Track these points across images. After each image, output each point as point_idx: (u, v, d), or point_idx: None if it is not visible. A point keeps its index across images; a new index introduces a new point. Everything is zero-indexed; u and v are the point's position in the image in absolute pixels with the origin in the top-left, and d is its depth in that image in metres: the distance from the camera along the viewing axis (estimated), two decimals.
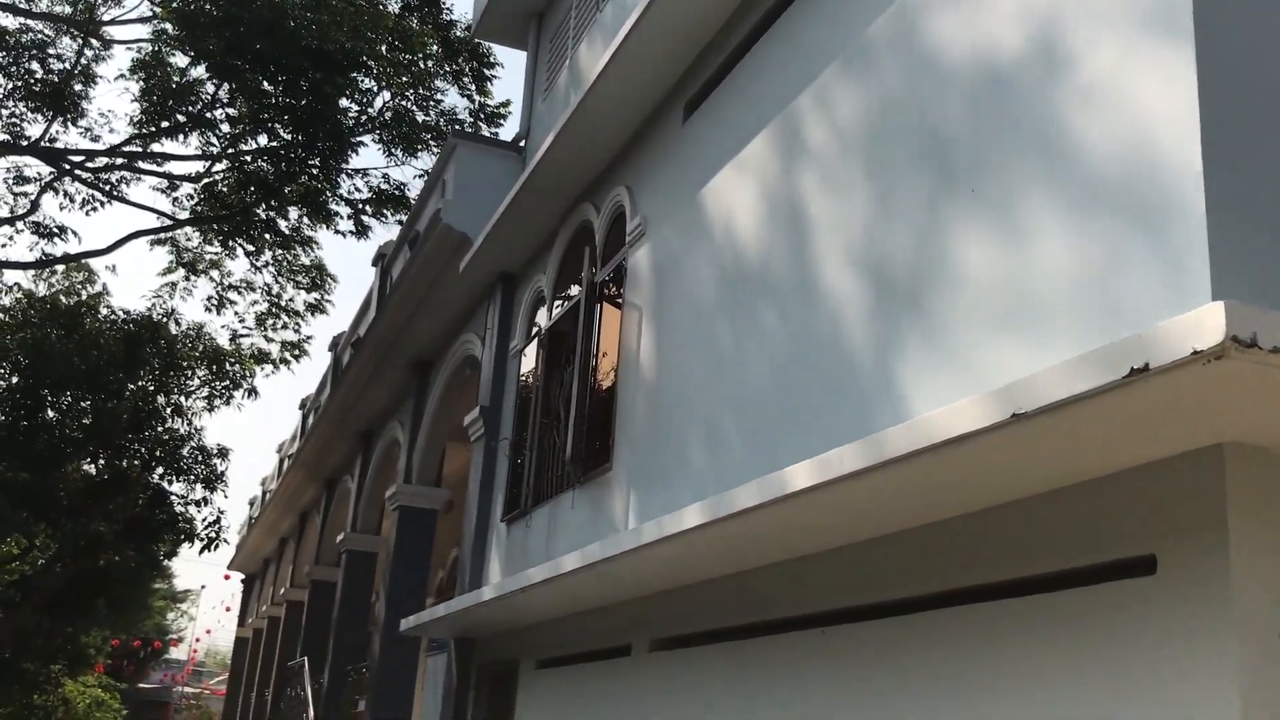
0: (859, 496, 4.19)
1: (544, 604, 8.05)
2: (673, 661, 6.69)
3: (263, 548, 32.00)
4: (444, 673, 11.14)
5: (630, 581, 6.65)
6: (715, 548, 5.46)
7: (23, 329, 18.29)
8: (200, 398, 21.58)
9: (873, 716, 4.71)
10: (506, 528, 10.34)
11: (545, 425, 9.83)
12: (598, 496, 8.29)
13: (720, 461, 6.42)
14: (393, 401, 16.91)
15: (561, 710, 8.33)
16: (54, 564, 19.20)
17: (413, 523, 14.78)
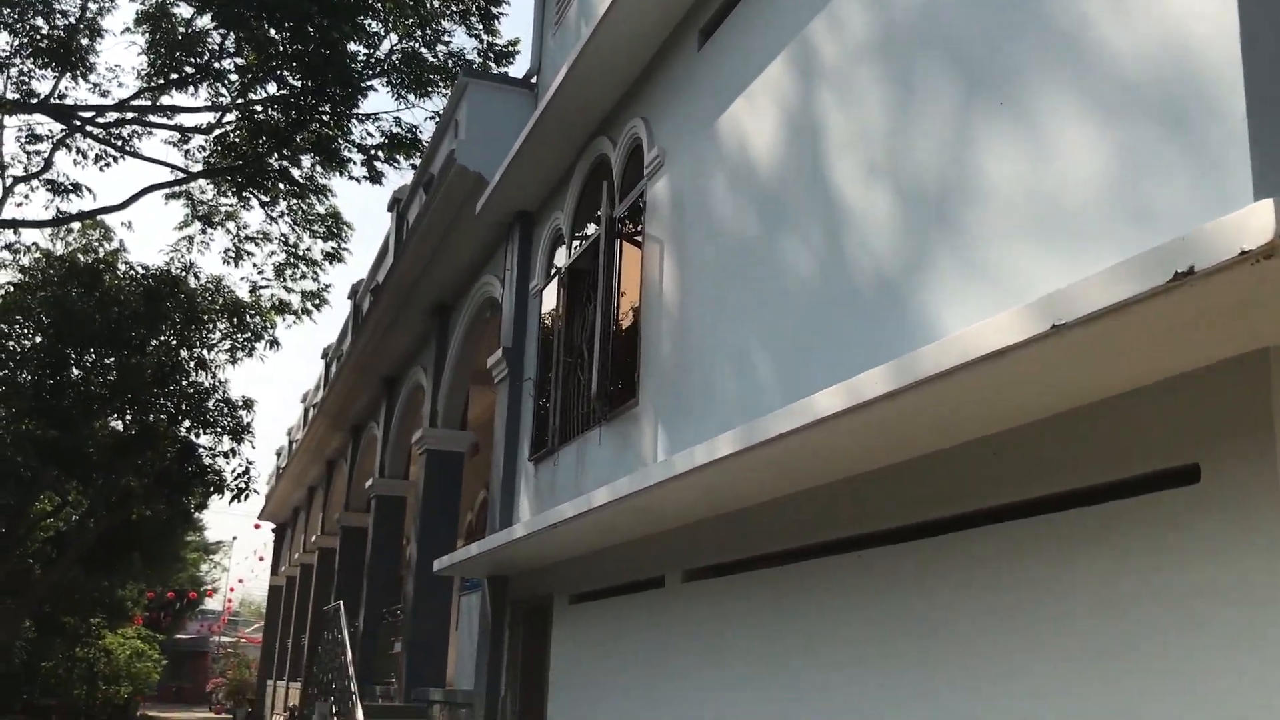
0: (893, 419, 4.15)
1: (575, 539, 8.09)
2: (706, 591, 6.72)
3: (292, 497, 32.33)
4: (479, 611, 11.25)
5: (661, 513, 6.66)
6: (747, 476, 5.45)
7: (43, 287, 18.33)
8: (223, 350, 21.64)
9: (913, 639, 4.72)
10: (534, 467, 10.37)
11: (569, 364, 9.82)
12: (625, 432, 8.29)
13: (748, 391, 6.39)
14: (415, 346, 16.93)
15: (596, 642, 8.40)
16: (87, 520, 19.43)
17: (440, 466, 14.85)
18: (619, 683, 7.84)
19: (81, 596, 24.18)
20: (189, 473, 20.47)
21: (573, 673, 8.81)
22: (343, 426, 22.67)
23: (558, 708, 8.97)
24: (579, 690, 8.61)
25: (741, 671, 6.16)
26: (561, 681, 9.01)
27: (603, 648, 8.25)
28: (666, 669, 7.10)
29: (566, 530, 7.58)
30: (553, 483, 9.78)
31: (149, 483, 19.81)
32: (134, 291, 18.84)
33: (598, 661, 8.33)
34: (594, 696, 8.27)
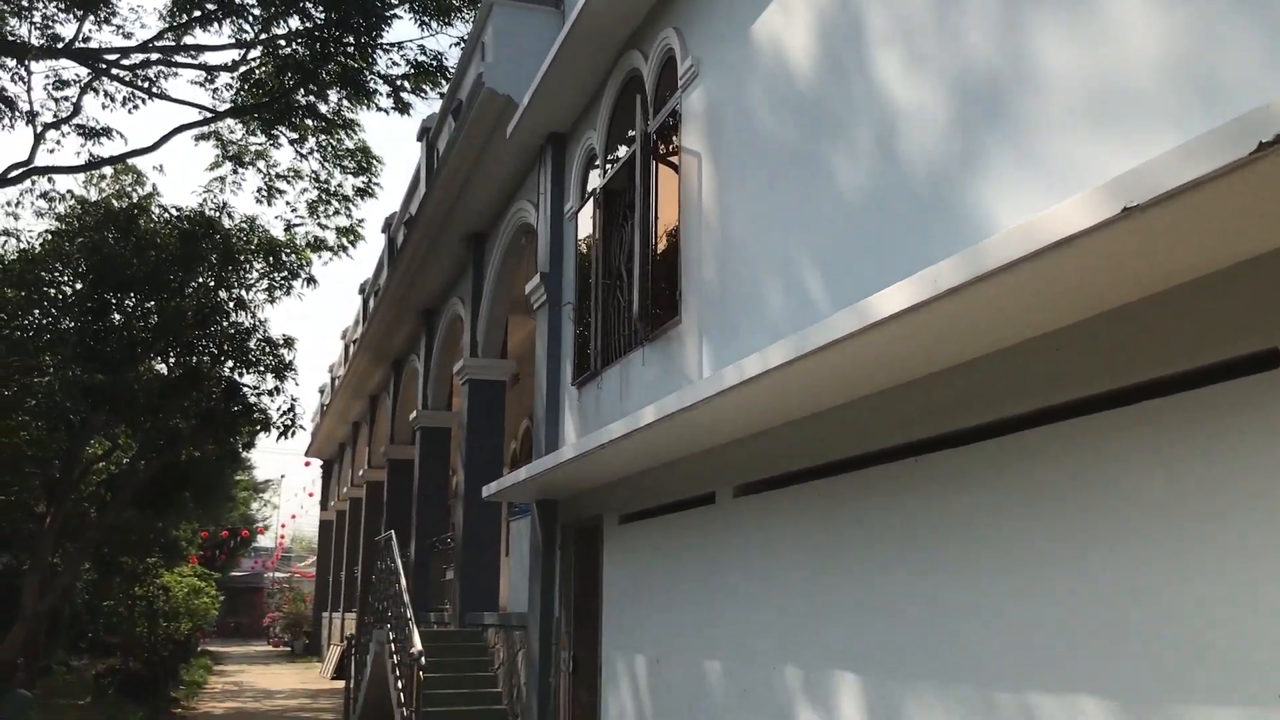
0: (959, 314, 4.02)
1: (624, 459, 8.05)
2: (758, 506, 6.67)
3: (337, 433, 32.69)
4: (529, 535, 11.32)
5: (711, 429, 6.59)
6: (800, 387, 5.35)
7: (80, 234, 18.38)
8: (260, 290, 21.67)
9: (979, 545, 4.64)
10: (578, 391, 10.33)
11: (608, 286, 9.72)
12: (668, 352, 8.21)
13: (796, 302, 6.27)
14: (451, 277, 16.88)
15: (647, 560, 8.42)
16: (137, 462, 19.70)
17: (483, 395, 14.88)
18: (671, 599, 7.85)
19: (138, 537, 24.61)
20: (235, 412, 20.64)
21: (625, 591, 8.84)
22: (384, 361, 22.78)
23: (612, 626, 9.03)
24: (632, 608, 8.65)
25: (795, 585, 6.14)
26: (614, 600, 9.06)
27: (654, 565, 8.26)
28: (718, 584, 7.10)
29: (615, 450, 7.54)
30: (597, 406, 9.74)
31: (196, 423, 20.02)
32: (170, 234, 18.87)
33: (649, 579, 8.35)
34: (647, 613, 8.30)
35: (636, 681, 8.38)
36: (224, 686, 24.56)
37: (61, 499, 19.45)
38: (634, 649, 8.50)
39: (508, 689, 12.01)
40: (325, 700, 21.54)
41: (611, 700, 8.85)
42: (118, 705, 15.80)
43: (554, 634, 10.45)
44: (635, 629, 8.54)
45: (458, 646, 13.11)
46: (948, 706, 4.72)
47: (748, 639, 6.61)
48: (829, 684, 5.68)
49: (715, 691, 6.98)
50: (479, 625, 13.51)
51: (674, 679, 7.68)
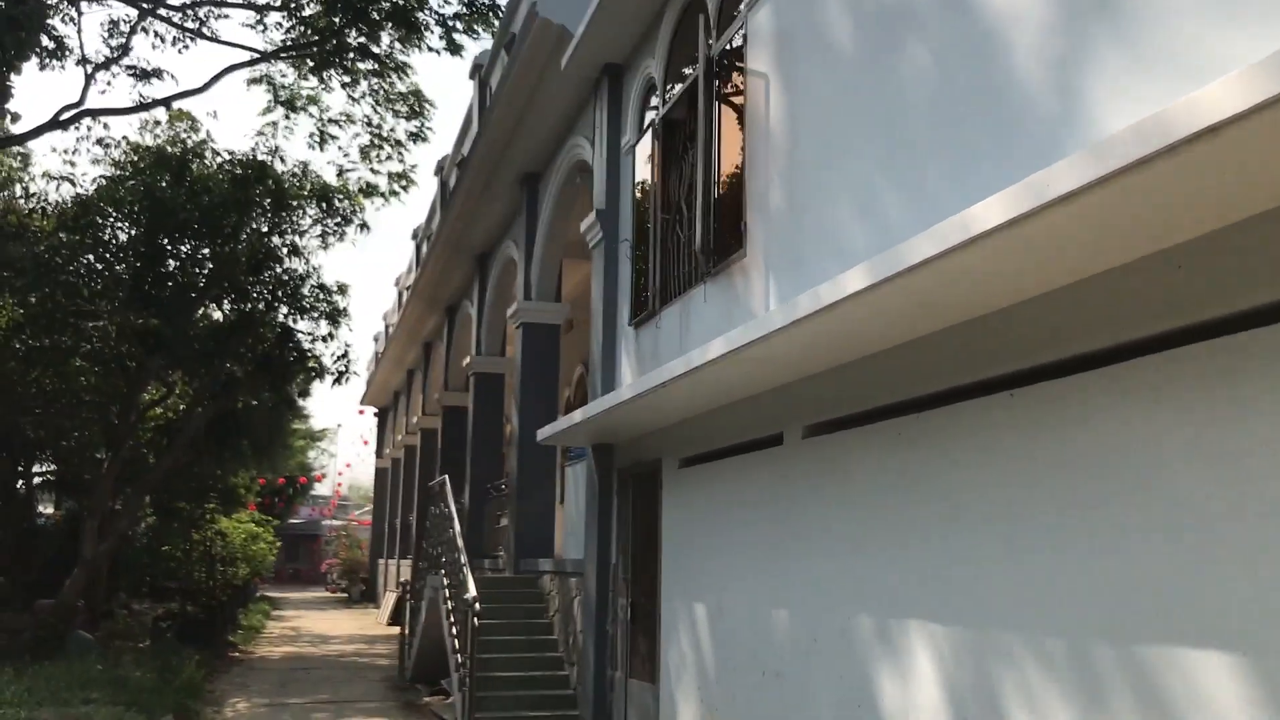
0: (1069, 227, 3.60)
1: (685, 399, 7.71)
2: (830, 446, 6.30)
3: (391, 381, 32.70)
4: (585, 480, 11.05)
5: (781, 365, 6.22)
6: (882, 316, 4.96)
7: (133, 178, 18.27)
8: (314, 236, 21.52)
9: (1076, 482, 4.24)
10: (635, 332, 9.99)
11: (667, 221, 9.33)
12: (731, 287, 7.82)
13: (873, 228, 5.85)
14: (505, 219, 16.56)
15: (709, 505, 8.09)
16: (193, 408, 19.73)
17: (537, 339, 14.59)
18: (735, 545, 7.53)
19: (197, 484, 24.79)
20: (289, 358, 20.58)
21: (686, 537, 8.54)
22: (437, 307, 22.59)
23: (672, 572, 8.73)
24: (693, 554, 8.34)
25: (871, 530, 5.78)
26: (675, 546, 8.76)
27: (716, 510, 7.93)
28: (786, 529, 6.75)
29: (676, 389, 7.20)
30: (655, 346, 9.39)
31: (251, 369, 19.99)
32: (222, 180, 18.71)
33: (712, 524, 8.03)
34: (708, 559, 7.99)
35: (697, 629, 8.09)
36: (281, 631, 24.79)
37: (119, 444, 19.55)
38: (695, 596, 8.21)
39: (563, 636, 11.82)
40: (382, 645, 21.63)
41: (672, 648, 8.58)
42: (175, 649, 15.88)
43: (611, 581, 10.20)
44: (696, 575, 8.24)
45: (512, 593, 12.94)
46: (1041, 662, 4.35)
47: (818, 586, 6.27)
48: (906, 634, 5.34)
49: (782, 640, 6.66)
50: (534, 572, 13.32)
51: (738, 627, 7.37)
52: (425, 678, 15.08)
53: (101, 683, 12.10)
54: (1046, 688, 4.31)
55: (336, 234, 21.53)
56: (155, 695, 11.84)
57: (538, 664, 11.66)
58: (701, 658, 7.96)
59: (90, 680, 12.10)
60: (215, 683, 15.23)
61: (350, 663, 18.22)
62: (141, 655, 14.92)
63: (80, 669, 12.94)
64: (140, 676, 12.75)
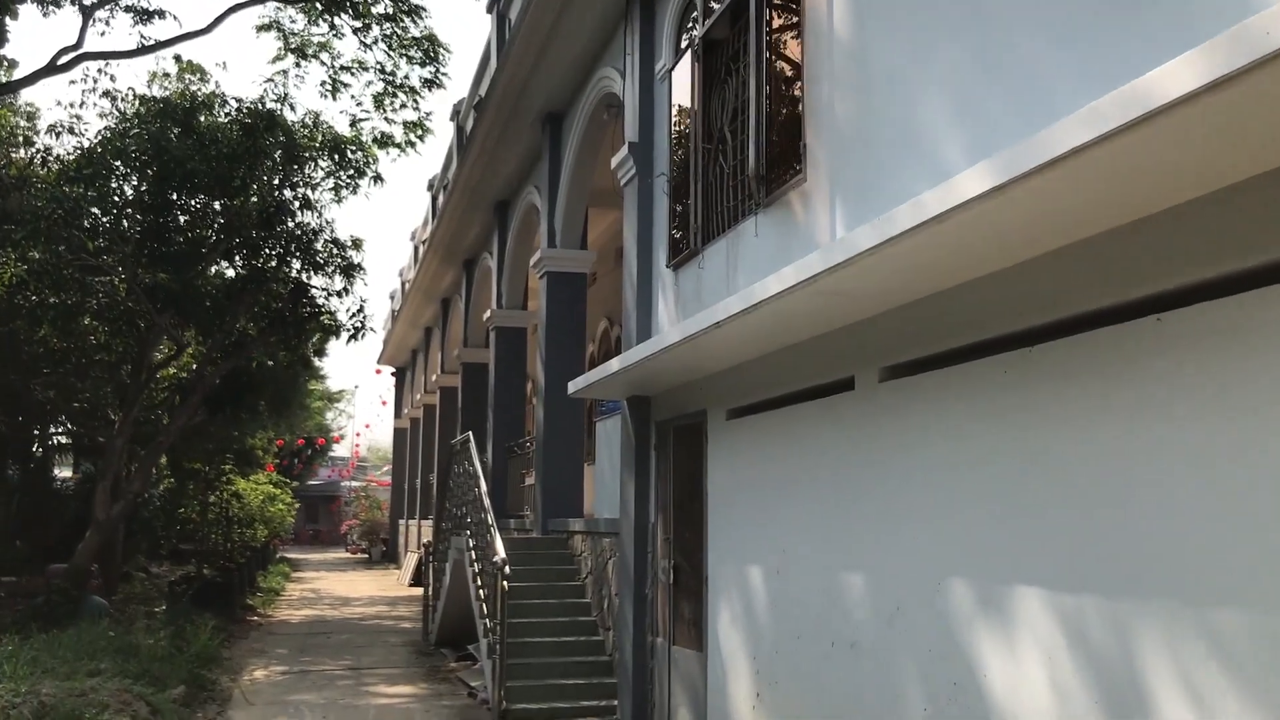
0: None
1: (736, 343, 6.96)
2: (914, 389, 5.55)
3: (408, 339, 32.04)
4: (619, 435, 10.34)
5: (860, 297, 5.45)
6: (996, 230, 4.18)
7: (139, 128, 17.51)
8: (326, 189, 20.78)
9: (1218, 425, 3.49)
10: (674, 274, 9.22)
11: (709, 151, 8.53)
12: (788, 218, 7.04)
13: (974, 129, 5.05)
14: (525, 163, 15.75)
15: (763, 459, 7.36)
16: (205, 365, 19.09)
17: (562, 288, 13.85)
18: (795, 501, 6.81)
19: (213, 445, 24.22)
20: (304, 314, 19.91)
21: (736, 494, 7.81)
22: (455, 261, 21.84)
23: (720, 532, 8.02)
24: (745, 513, 7.62)
25: (963, 484, 5.04)
26: (722, 505, 8.04)
27: (772, 465, 7.20)
28: (859, 483, 6.02)
29: (729, 332, 6.45)
30: (698, 288, 8.63)
31: (264, 326, 19.33)
32: (231, 130, 17.93)
33: (766, 480, 7.30)
34: (764, 519, 7.27)
35: (750, 594, 7.39)
36: (301, 593, 24.31)
37: (131, 404, 18.95)
38: (747, 558, 7.50)
39: (596, 599, 11.16)
40: (404, 607, 21.10)
41: (721, 613, 7.88)
42: (191, 613, 15.33)
43: (649, 541, 9.51)
44: (748, 536, 7.53)
45: (541, 554, 12.28)
46: (1205, 637, 3.61)
47: (901, 547, 5.55)
48: (1017, 601, 4.61)
49: (856, 608, 5.94)
50: (563, 532, 12.66)
51: (800, 592, 6.66)
52: (450, 642, 14.50)
53: (112, 651, 11.52)
54: (1209, 669, 3.58)
55: (350, 186, 20.78)
56: (168, 664, 11.26)
57: (570, 629, 11.02)
58: (756, 625, 7.27)
59: (100, 648, 11.52)
60: (232, 648, 14.69)
61: (372, 626, 17.67)
62: (156, 621, 14.36)
63: (91, 636, 12.37)
64: (153, 644, 12.17)
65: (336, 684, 11.88)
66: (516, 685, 9.87)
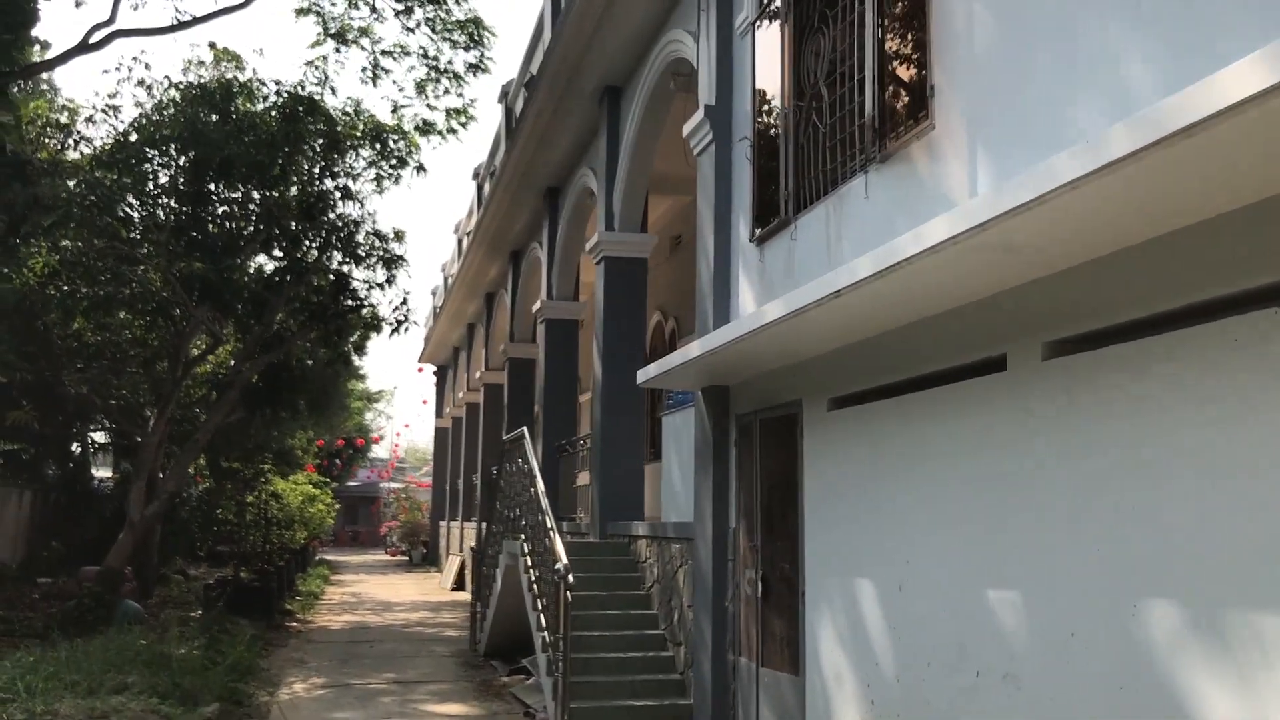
0: None
1: (850, 320, 5.98)
2: (1092, 367, 4.54)
3: (450, 336, 31.23)
4: (694, 429, 9.37)
5: (1032, 253, 4.44)
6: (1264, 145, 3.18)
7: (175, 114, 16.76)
8: (368, 180, 20.00)
9: None
10: (758, 249, 8.25)
11: (801, 109, 7.55)
12: (908, 173, 6.05)
13: (1166, 51, 4.04)
14: (579, 143, 14.82)
15: (879, 456, 6.36)
16: (243, 361, 18.32)
17: (621, 274, 12.91)
18: (925, 506, 5.81)
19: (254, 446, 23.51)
20: (345, 308, 19.11)
21: (840, 498, 6.82)
22: (501, 252, 20.97)
23: (821, 540, 7.03)
24: (852, 519, 6.63)
25: (1174, 483, 4.03)
26: (823, 510, 7.04)
27: (890, 462, 6.21)
28: (1016, 485, 5.02)
29: (849, 302, 5.46)
30: (788, 263, 7.65)
31: (303, 320, 18.55)
32: (270, 116, 17.13)
33: (879, 481, 6.31)
34: (880, 525, 6.27)
35: (862, 612, 6.39)
36: (341, 597, 23.52)
37: (166, 400, 18.22)
38: (857, 570, 6.51)
39: (664, 611, 10.20)
40: (448, 613, 20.23)
41: (822, 632, 6.88)
42: (227, 619, 14.52)
43: (730, 549, 8.53)
44: (858, 545, 6.53)
45: (600, 561, 11.33)
46: None
47: (1076, 560, 4.54)
48: (1236, 626, 3.60)
49: (1011, 632, 4.94)
50: (624, 536, 11.71)
51: (929, 612, 5.66)
52: (501, 653, 13.58)
53: (141, 662, 10.70)
54: None
55: (392, 177, 19.99)
56: (201, 677, 10.41)
57: (636, 643, 10.05)
58: (870, 648, 6.27)
59: (129, 659, 10.70)
60: (270, 657, 13.85)
61: (416, 634, 16.79)
62: (190, 628, 13.53)
63: (120, 645, 11.56)
64: (186, 655, 11.33)
65: (381, 700, 10.99)
66: (581, 707, 8.92)
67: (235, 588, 16.49)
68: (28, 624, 15.11)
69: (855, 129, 6.68)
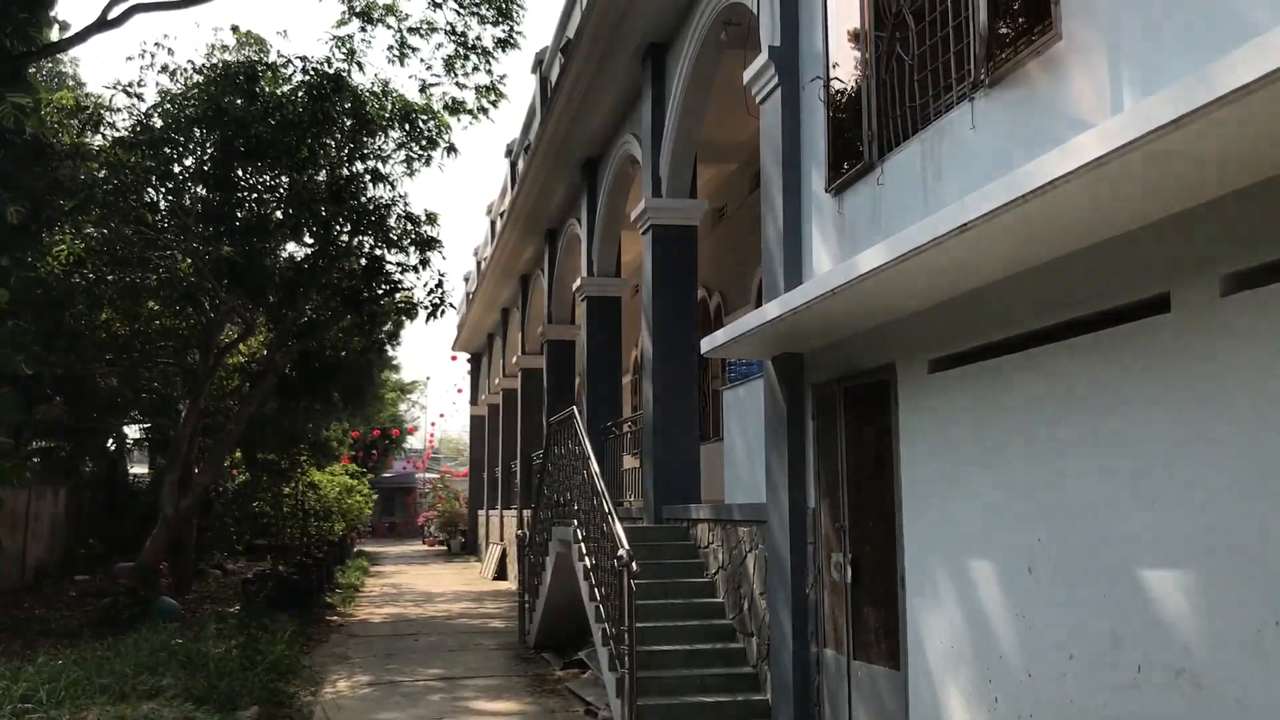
0: None
1: (954, 270, 5.22)
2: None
3: (484, 323, 30.58)
4: (762, 403, 8.63)
5: (1209, 163, 3.67)
6: None
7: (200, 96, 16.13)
8: (398, 162, 19.33)
9: None
10: (835, 200, 7.48)
11: (882, 41, 6.78)
12: (1026, 96, 5.28)
13: None
14: (620, 109, 14.08)
15: (993, 422, 5.60)
16: (275, 350, 17.72)
17: (670, 243, 12.15)
18: (1054, 477, 5.04)
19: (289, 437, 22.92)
20: (378, 293, 18.47)
21: (945, 470, 6.06)
22: (537, 231, 20.26)
23: (922, 520, 6.27)
24: (962, 493, 5.87)
25: None
26: (924, 484, 6.29)
27: (1010, 426, 5.44)
28: (1177, 450, 4.25)
29: (974, 240, 4.69)
30: (874, 211, 6.89)
31: (336, 305, 17.92)
32: (296, 97, 16.47)
33: (996, 449, 5.55)
34: (996, 501, 5.52)
35: (978, 597, 5.64)
36: (381, 589, 22.97)
37: (198, 390, 17.67)
38: (970, 550, 5.75)
39: (732, 599, 9.48)
40: (491, 604, 19.61)
41: (928, 621, 6.14)
42: (266, 615, 13.93)
43: (809, 530, 7.80)
44: (971, 522, 5.78)
45: (658, 546, 10.62)
46: None
47: (1266, 537, 3.77)
48: None
49: (1182, 622, 4.17)
50: (682, 520, 11.00)
51: (1068, 597, 4.90)
52: (552, 645, 12.93)
53: (176, 664, 10.11)
54: None
55: (422, 159, 19.31)
56: (239, 679, 9.80)
57: (703, 634, 9.35)
58: (990, 638, 5.52)
59: (163, 660, 10.11)
60: (311, 653, 13.26)
61: (460, 625, 16.17)
62: (228, 625, 12.93)
63: (155, 645, 10.98)
64: (223, 653, 10.73)
65: (429, 698, 10.35)
66: (649, 704, 8.22)
67: (275, 582, 15.90)
68: (63, 623, 14.61)
69: (952, 55, 5.91)
